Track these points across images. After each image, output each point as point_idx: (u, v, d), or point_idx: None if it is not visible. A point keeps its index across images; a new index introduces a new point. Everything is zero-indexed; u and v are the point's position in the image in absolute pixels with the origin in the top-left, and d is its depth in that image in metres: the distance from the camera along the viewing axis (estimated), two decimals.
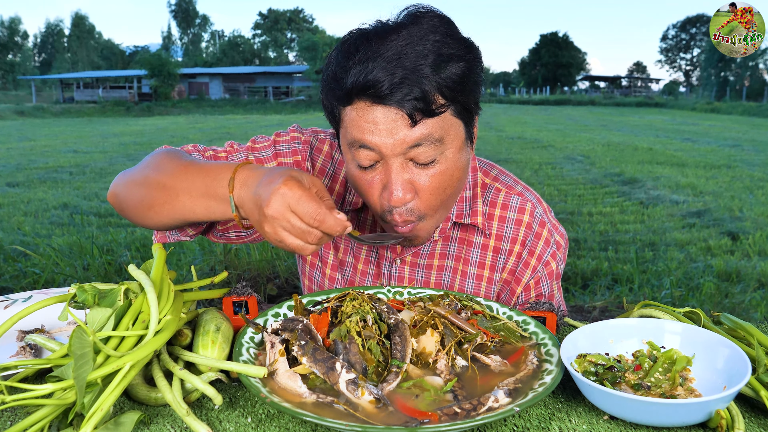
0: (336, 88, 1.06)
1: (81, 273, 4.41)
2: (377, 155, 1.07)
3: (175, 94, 46.89)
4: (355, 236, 1.09)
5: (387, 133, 1.03)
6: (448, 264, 1.33)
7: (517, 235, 1.31)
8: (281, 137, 1.38)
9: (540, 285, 1.33)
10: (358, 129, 1.05)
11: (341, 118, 1.10)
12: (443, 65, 1.02)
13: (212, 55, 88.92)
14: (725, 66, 61.09)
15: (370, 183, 1.11)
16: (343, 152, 1.15)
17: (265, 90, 51.90)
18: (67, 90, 53.90)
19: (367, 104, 1.03)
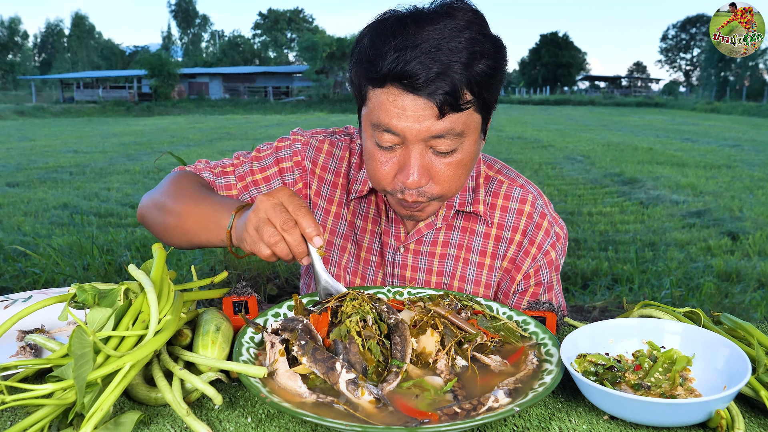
0: (370, 69, 1.09)
1: (81, 273, 4.41)
2: (400, 140, 1.11)
3: (175, 94, 46.89)
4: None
5: (414, 121, 1.07)
6: (450, 252, 1.36)
7: (518, 224, 1.35)
8: (283, 142, 1.45)
9: (539, 273, 1.36)
10: (386, 113, 1.09)
11: (368, 97, 1.13)
12: (474, 63, 1.06)
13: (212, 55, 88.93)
14: (725, 66, 61.09)
15: (386, 162, 1.15)
16: (363, 128, 1.19)
17: (265, 90, 51.91)
18: (67, 90, 53.90)
19: (399, 91, 1.07)
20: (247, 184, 1.43)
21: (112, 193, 8.87)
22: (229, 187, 1.42)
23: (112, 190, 9.10)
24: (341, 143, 1.44)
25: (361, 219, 1.41)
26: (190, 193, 1.27)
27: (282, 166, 1.42)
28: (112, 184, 9.54)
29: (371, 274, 1.42)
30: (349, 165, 1.42)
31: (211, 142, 16.53)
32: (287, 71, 56.90)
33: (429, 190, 1.16)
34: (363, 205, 1.41)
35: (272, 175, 1.43)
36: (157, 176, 10.19)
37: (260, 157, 1.43)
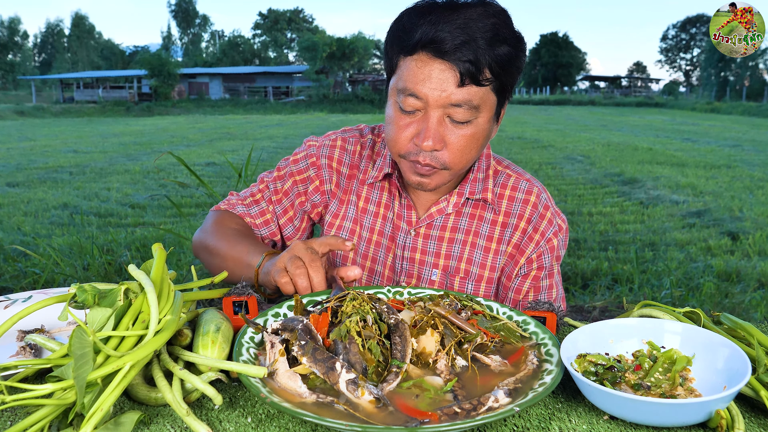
0: (403, 38, 1.22)
1: (81, 273, 4.41)
2: (422, 105, 1.23)
3: (175, 94, 46.87)
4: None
5: (437, 87, 1.20)
6: (458, 237, 1.45)
7: (523, 212, 1.44)
8: (299, 154, 1.58)
9: (542, 258, 1.44)
10: (413, 78, 1.21)
11: (398, 65, 1.26)
12: (497, 44, 1.18)
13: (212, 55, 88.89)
14: (725, 66, 61.05)
15: (406, 125, 1.27)
16: (389, 95, 1.32)
17: (265, 90, 51.88)
18: (67, 90, 53.88)
19: (428, 57, 1.19)
20: (276, 204, 1.58)
21: (112, 193, 8.87)
22: (263, 213, 1.58)
23: (112, 190, 9.10)
24: (351, 138, 1.56)
25: (374, 204, 1.51)
26: (227, 236, 1.48)
27: (295, 179, 1.56)
28: (112, 184, 9.54)
29: (381, 256, 1.50)
30: (360, 156, 1.53)
31: (211, 142, 16.53)
32: (287, 71, 56.87)
33: (441, 156, 1.26)
34: (376, 192, 1.51)
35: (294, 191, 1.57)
36: (157, 176, 10.20)
37: (282, 175, 1.58)
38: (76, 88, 52.81)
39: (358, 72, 52.45)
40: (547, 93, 66.74)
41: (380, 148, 1.54)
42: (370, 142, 1.55)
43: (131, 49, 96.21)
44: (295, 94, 52.55)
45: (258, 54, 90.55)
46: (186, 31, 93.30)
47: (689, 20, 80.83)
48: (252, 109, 38.16)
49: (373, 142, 1.56)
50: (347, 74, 50.87)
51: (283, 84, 55.26)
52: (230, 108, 38.99)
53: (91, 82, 55.05)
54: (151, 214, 7.51)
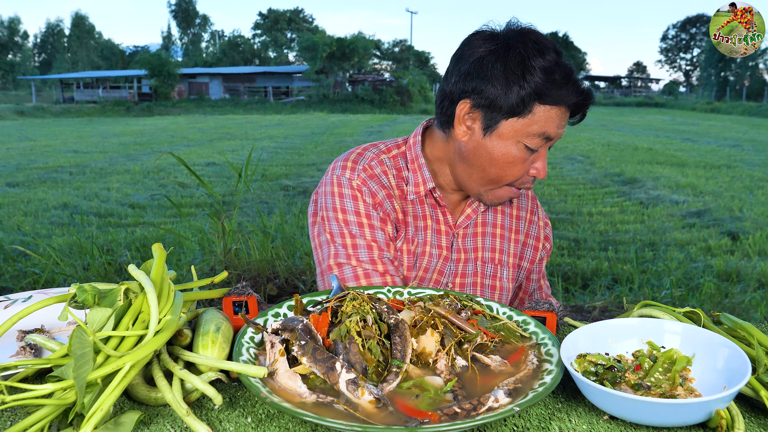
0: (556, 95, 1.33)
1: (81, 273, 4.41)
2: (548, 143, 1.38)
3: (175, 94, 46.83)
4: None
5: (562, 129, 1.39)
6: (488, 230, 1.61)
7: (527, 204, 1.70)
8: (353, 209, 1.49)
9: (549, 239, 1.74)
10: (552, 125, 1.35)
11: (533, 111, 1.34)
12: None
13: (212, 55, 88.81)
14: (725, 66, 60.99)
15: (523, 159, 1.39)
16: (505, 134, 1.37)
17: (265, 90, 51.83)
18: (67, 90, 53.84)
19: (565, 109, 1.36)
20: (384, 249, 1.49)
21: (112, 193, 8.87)
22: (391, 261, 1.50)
23: (112, 190, 9.10)
24: (374, 163, 1.53)
25: (420, 219, 1.55)
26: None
27: (379, 220, 1.50)
28: (112, 184, 9.54)
29: (432, 265, 1.56)
30: (391, 176, 1.54)
31: (211, 142, 16.53)
32: (287, 71, 56.83)
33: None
34: (417, 206, 1.55)
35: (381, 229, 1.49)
36: (157, 176, 10.20)
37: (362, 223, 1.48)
38: (76, 88, 52.78)
39: (358, 72, 52.43)
40: None
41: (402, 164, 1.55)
42: (388, 161, 1.54)
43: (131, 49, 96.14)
44: (295, 94, 52.52)
45: (258, 54, 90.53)
46: (186, 31, 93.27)
47: (689, 20, 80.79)
48: (252, 109, 38.15)
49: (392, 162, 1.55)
50: (347, 74, 50.85)
51: (283, 84, 55.23)
52: (230, 108, 38.98)
53: (91, 82, 55.03)
54: (151, 214, 7.51)
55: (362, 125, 23.01)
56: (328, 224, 1.50)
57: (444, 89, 1.44)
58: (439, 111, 1.48)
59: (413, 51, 75.82)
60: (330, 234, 1.50)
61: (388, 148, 1.57)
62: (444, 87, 1.44)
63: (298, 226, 5.72)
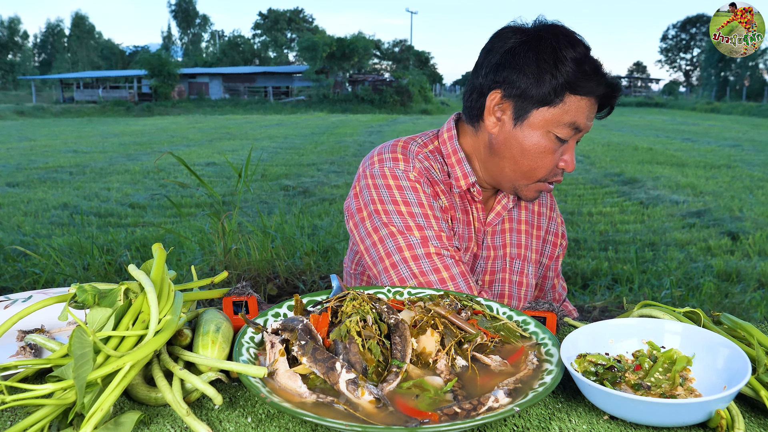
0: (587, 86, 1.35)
1: (81, 273, 4.40)
2: (577, 135, 1.40)
3: (175, 94, 46.81)
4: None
5: (592, 120, 1.41)
6: (513, 227, 1.63)
7: (547, 201, 1.73)
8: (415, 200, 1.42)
9: (565, 237, 1.79)
10: (583, 116, 1.37)
11: (564, 100, 1.36)
12: None
13: (212, 55, 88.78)
14: (725, 66, 60.96)
15: (554, 151, 1.40)
16: (536, 123, 1.38)
17: (265, 90, 51.81)
18: (67, 90, 53.82)
19: (594, 101, 1.37)
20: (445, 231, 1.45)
21: (112, 193, 8.86)
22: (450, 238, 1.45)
23: (112, 190, 9.10)
24: (421, 156, 1.49)
25: (460, 212, 1.55)
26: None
27: (440, 208, 1.48)
28: (112, 184, 9.53)
29: (466, 259, 1.56)
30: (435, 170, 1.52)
31: (211, 142, 16.53)
32: (287, 71, 56.80)
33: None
34: (458, 200, 1.55)
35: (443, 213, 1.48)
36: (157, 176, 10.20)
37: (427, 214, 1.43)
38: (76, 88, 52.77)
39: (358, 72, 52.41)
40: None
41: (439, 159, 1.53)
42: (431, 156, 1.52)
43: (131, 49, 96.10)
44: (295, 94, 52.50)
45: (258, 54, 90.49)
46: (186, 31, 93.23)
47: (689, 20, 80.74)
48: (252, 109, 38.15)
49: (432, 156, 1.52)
50: (347, 74, 50.84)
51: (283, 84, 55.21)
52: (230, 108, 38.97)
53: (91, 82, 55.01)
54: (151, 214, 7.51)
55: (362, 125, 23.00)
56: (387, 218, 1.40)
57: (473, 82, 1.44)
58: (468, 105, 1.47)
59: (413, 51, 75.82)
60: (393, 227, 1.40)
61: (425, 142, 1.54)
62: (473, 80, 1.44)
63: (298, 226, 5.72)
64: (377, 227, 1.42)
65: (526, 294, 1.62)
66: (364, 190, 1.45)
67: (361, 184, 1.47)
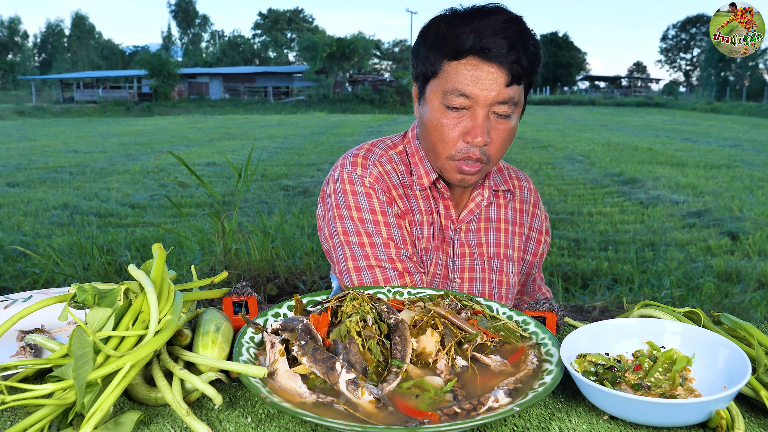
0: (450, 45, 1.31)
1: (81, 273, 4.40)
2: (470, 103, 1.33)
3: (175, 94, 46.81)
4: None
5: (487, 87, 1.31)
6: (491, 225, 1.61)
7: (529, 198, 1.70)
8: (368, 206, 1.46)
9: (549, 233, 1.76)
10: (464, 80, 1.31)
11: (442, 69, 1.34)
12: (529, 45, 1.32)
13: (212, 55, 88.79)
14: (725, 66, 60.95)
15: (453, 125, 1.36)
16: (428, 100, 1.39)
17: (265, 90, 51.82)
18: (67, 90, 53.82)
19: (477, 61, 1.30)
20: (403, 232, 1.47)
21: (112, 193, 8.87)
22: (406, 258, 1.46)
23: (112, 190, 9.10)
24: (384, 160, 1.52)
25: (422, 213, 1.53)
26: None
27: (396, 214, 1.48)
28: (112, 184, 9.53)
29: (435, 259, 1.54)
30: (399, 173, 1.53)
31: (211, 142, 16.52)
32: (287, 71, 56.81)
33: (488, 150, 1.38)
34: (422, 201, 1.54)
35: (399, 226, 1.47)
36: (157, 176, 10.20)
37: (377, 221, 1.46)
38: (76, 88, 52.77)
39: (358, 72, 52.41)
40: (547, 93, 66.63)
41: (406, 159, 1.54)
42: (396, 157, 1.53)
43: (131, 49, 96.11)
44: (295, 94, 52.51)
45: (258, 54, 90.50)
46: (186, 31, 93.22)
47: (689, 20, 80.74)
48: (252, 109, 38.15)
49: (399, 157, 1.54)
50: (347, 74, 50.85)
51: (283, 84, 55.21)
52: (230, 108, 38.98)
53: (91, 82, 55.01)
54: (151, 214, 7.51)
55: (362, 125, 23.01)
56: (341, 223, 1.46)
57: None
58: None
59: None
60: (344, 233, 1.45)
61: (395, 143, 1.57)
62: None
63: (298, 226, 5.72)
64: (332, 233, 1.48)
65: (507, 292, 1.61)
66: (326, 195, 1.52)
67: (325, 189, 1.54)
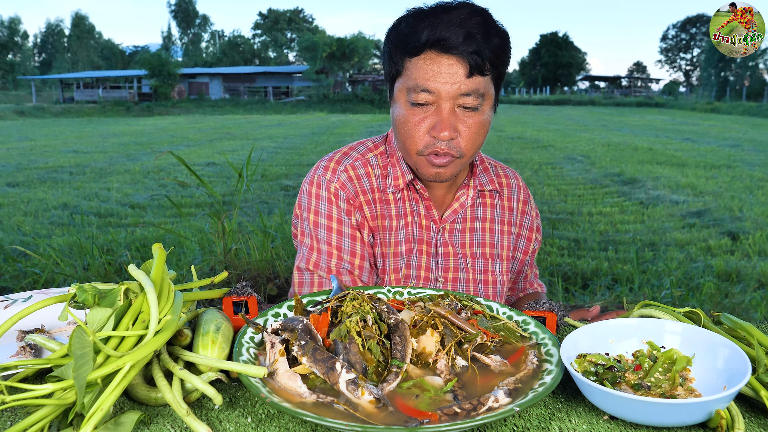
0: (408, 42, 1.32)
1: (81, 273, 4.40)
2: (433, 98, 1.33)
3: (175, 94, 46.82)
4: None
5: (447, 80, 1.30)
6: (477, 225, 1.60)
7: (519, 196, 1.68)
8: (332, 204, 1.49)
9: (540, 231, 1.74)
10: (423, 75, 1.31)
11: (405, 67, 1.35)
12: (491, 36, 1.31)
13: (212, 55, 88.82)
14: (725, 66, 60.96)
15: (420, 120, 1.36)
16: (396, 98, 1.40)
17: (265, 90, 51.83)
18: (67, 90, 53.84)
19: (435, 54, 1.30)
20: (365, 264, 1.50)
21: (112, 193, 8.87)
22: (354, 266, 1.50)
23: (112, 190, 9.10)
24: (357, 164, 1.54)
25: (399, 218, 1.53)
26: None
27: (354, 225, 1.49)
28: (112, 184, 9.53)
29: (415, 261, 1.54)
30: (373, 177, 1.54)
31: (211, 142, 16.52)
32: (287, 71, 56.81)
33: (457, 144, 1.36)
34: (399, 205, 1.54)
35: (352, 237, 1.49)
36: (157, 176, 10.20)
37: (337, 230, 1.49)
38: (76, 88, 52.78)
39: (358, 72, 52.40)
40: (547, 93, 66.65)
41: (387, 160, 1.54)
42: (374, 160, 1.54)
43: (131, 49, 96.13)
44: (295, 94, 52.51)
45: (258, 54, 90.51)
46: (186, 31, 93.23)
47: (689, 20, 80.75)
48: (252, 109, 38.15)
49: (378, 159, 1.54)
50: (347, 74, 50.86)
51: (283, 84, 55.22)
52: (230, 108, 38.98)
53: (91, 82, 55.02)
54: (151, 214, 7.51)
55: (362, 125, 23.01)
56: (300, 223, 1.54)
57: None
58: None
59: None
60: (302, 233, 1.53)
61: (376, 145, 1.57)
62: None
63: None
64: (296, 233, 1.58)
65: (494, 291, 1.60)
66: (300, 194, 1.56)
67: (301, 187, 1.58)
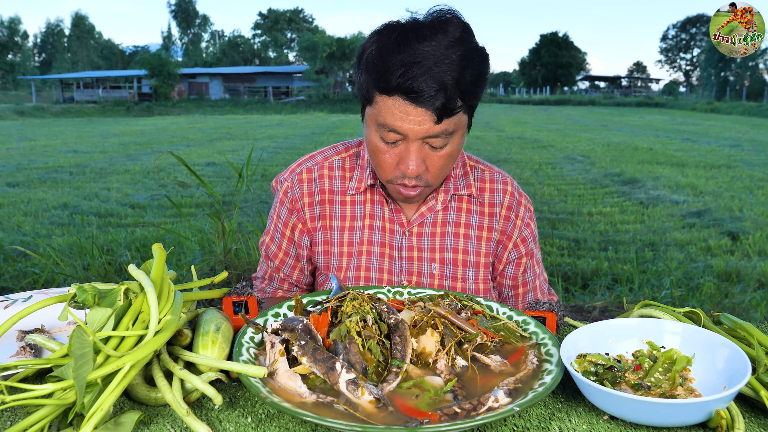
0: (379, 80, 1.26)
1: (81, 273, 4.40)
2: (402, 137, 1.31)
3: (175, 94, 46.83)
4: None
5: (415, 124, 1.27)
6: (448, 230, 1.55)
7: (503, 201, 1.58)
8: (277, 206, 1.61)
9: (526, 243, 1.60)
10: (392, 117, 1.28)
11: (375, 100, 1.31)
12: (465, 75, 1.25)
13: (212, 55, 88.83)
14: (725, 66, 60.95)
15: (390, 155, 1.35)
16: (368, 123, 1.37)
17: (265, 90, 51.83)
18: (67, 90, 53.85)
19: (404, 101, 1.26)
20: (284, 268, 1.63)
21: (112, 193, 8.86)
22: (282, 281, 1.66)
23: (112, 190, 9.10)
24: (316, 167, 1.57)
25: (358, 219, 1.54)
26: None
27: (289, 229, 1.59)
28: (112, 184, 9.53)
29: (376, 264, 1.53)
30: (332, 179, 1.56)
31: (211, 142, 16.52)
32: (287, 71, 56.82)
33: (424, 176, 1.36)
34: (358, 207, 1.55)
35: (292, 249, 1.61)
36: (157, 176, 10.20)
37: (273, 237, 1.64)
38: (76, 88, 52.79)
39: None
40: (547, 93, 66.62)
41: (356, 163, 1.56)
42: (339, 162, 1.57)
43: (131, 49, 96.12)
44: (295, 94, 52.51)
45: (258, 54, 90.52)
46: (186, 31, 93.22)
47: (689, 20, 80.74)
48: (252, 109, 38.15)
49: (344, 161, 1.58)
50: (347, 74, 50.85)
51: (283, 84, 55.23)
52: (230, 108, 38.98)
53: (91, 82, 55.02)
54: (151, 214, 7.51)
55: (362, 125, 22.96)
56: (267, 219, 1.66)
57: None
58: None
59: None
60: (266, 233, 1.65)
61: (347, 147, 1.59)
62: None
63: None
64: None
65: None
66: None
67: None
